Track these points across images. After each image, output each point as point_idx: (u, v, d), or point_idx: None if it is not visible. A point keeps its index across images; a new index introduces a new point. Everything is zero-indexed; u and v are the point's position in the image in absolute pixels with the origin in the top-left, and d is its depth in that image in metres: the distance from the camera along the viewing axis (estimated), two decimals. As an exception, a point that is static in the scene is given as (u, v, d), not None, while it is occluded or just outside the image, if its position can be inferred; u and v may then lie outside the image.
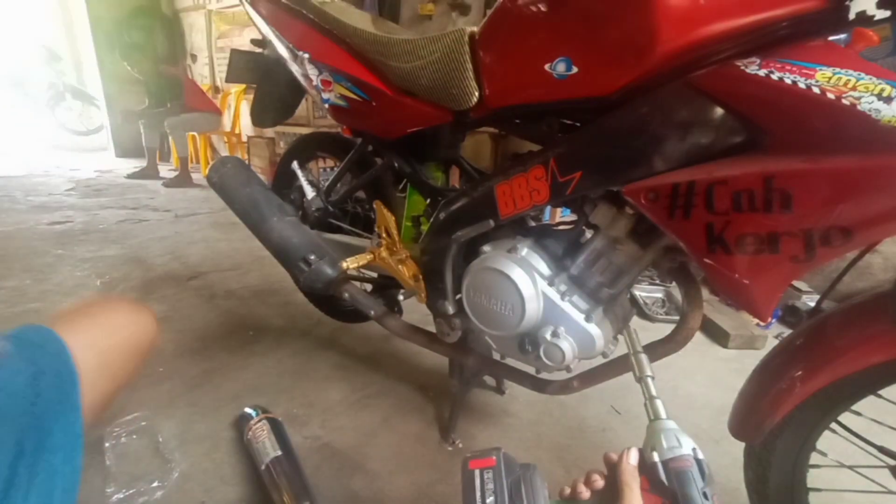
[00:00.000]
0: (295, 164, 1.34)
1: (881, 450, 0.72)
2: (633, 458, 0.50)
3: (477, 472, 0.51)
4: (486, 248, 0.86)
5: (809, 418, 0.71)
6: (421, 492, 1.02)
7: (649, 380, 0.61)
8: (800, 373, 0.69)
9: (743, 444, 0.81)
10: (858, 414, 0.71)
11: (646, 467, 0.51)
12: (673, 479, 0.48)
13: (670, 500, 0.47)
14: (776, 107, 0.53)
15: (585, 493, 0.51)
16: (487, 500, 0.49)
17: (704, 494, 0.47)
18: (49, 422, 0.46)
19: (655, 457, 0.50)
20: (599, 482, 0.51)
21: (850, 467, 0.74)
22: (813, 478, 0.76)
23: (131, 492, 0.94)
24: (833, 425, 0.73)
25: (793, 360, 0.72)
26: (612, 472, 0.51)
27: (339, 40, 0.97)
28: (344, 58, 0.96)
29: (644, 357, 0.63)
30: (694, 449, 0.51)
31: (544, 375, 0.93)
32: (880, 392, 0.67)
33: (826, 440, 0.74)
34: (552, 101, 0.72)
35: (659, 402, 0.58)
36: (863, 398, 0.68)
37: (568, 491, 0.52)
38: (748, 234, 0.57)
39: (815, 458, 0.74)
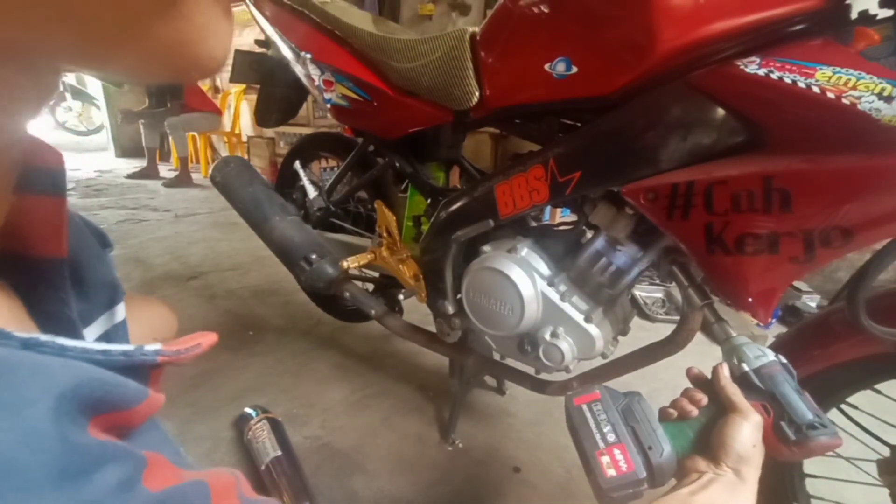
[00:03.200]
0: (297, 164, 1.34)
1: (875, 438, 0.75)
2: (727, 372, 0.55)
3: (585, 407, 0.53)
4: (486, 248, 0.86)
5: None
6: (421, 492, 1.02)
7: (715, 306, 0.67)
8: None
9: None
10: (855, 407, 0.73)
11: (737, 378, 0.54)
12: (767, 383, 0.52)
13: (768, 402, 0.51)
14: (776, 106, 0.53)
15: (694, 411, 0.54)
16: (605, 430, 0.51)
17: (797, 391, 0.51)
18: None
19: (745, 367, 0.54)
20: (703, 399, 0.54)
21: (847, 459, 0.75)
22: (809, 465, 0.78)
23: (131, 491, 0.94)
24: (831, 416, 0.75)
25: (783, 353, 0.76)
26: (709, 388, 0.55)
27: (340, 41, 0.97)
28: (346, 58, 0.96)
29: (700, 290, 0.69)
30: (777, 355, 0.55)
31: (544, 376, 0.93)
32: (853, 395, 0.73)
33: None
34: (552, 101, 0.72)
35: (725, 324, 0.64)
36: (847, 393, 0.73)
37: (674, 413, 0.55)
38: (748, 235, 0.57)
39: None
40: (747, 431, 0.48)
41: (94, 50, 0.16)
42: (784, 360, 0.55)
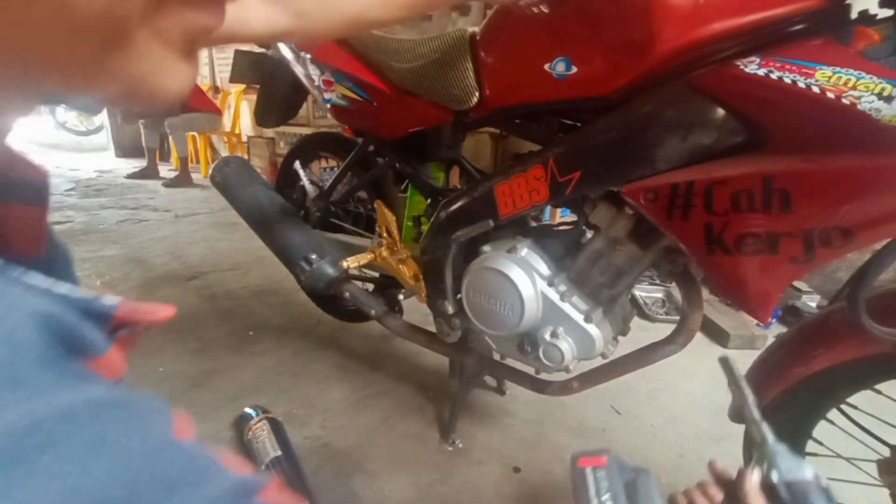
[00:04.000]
0: (297, 164, 1.34)
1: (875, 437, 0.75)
2: (756, 478, 0.49)
3: (588, 471, 0.51)
4: (486, 248, 0.86)
5: (799, 406, 0.75)
6: (421, 492, 1.02)
7: (752, 403, 0.56)
8: (787, 365, 0.74)
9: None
10: (855, 407, 0.73)
11: (765, 487, 0.49)
12: (798, 500, 0.47)
13: None
14: (776, 106, 0.53)
15: None
16: (603, 498, 0.48)
17: None
18: None
19: (774, 477, 0.49)
20: (718, 496, 0.50)
21: (847, 459, 0.75)
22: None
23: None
24: (831, 416, 0.76)
25: (783, 353, 0.76)
26: (730, 489, 0.50)
27: (340, 41, 0.97)
28: (345, 58, 0.96)
29: (743, 382, 0.58)
30: (816, 475, 0.49)
31: (544, 376, 0.93)
32: (853, 395, 0.73)
33: (827, 434, 0.76)
34: (552, 100, 0.72)
35: (765, 426, 0.54)
36: (847, 394, 0.73)
37: (683, 500, 0.52)
38: (747, 235, 0.57)
39: (812, 447, 0.77)
40: None
41: (56, 83, 0.19)
42: (825, 484, 0.49)
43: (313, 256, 1.06)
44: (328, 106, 1.05)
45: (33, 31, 0.17)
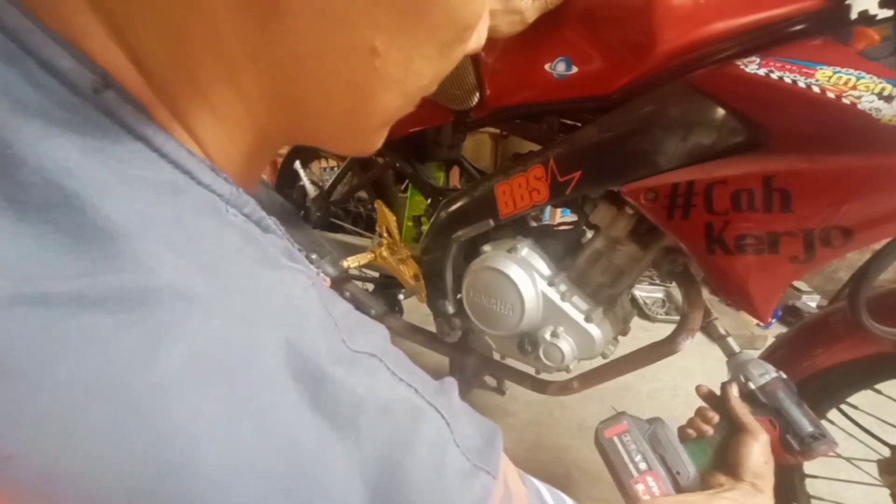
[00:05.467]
0: (297, 164, 1.34)
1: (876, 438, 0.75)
2: (735, 391, 0.60)
3: (616, 439, 0.58)
4: (487, 247, 0.86)
5: None
6: (421, 491, 1.02)
7: (716, 322, 0.72)
8: (787, 364, 0.73)
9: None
10: (855, 407, 0.73)
11: (745, 395, 0.60)
12: (772, 399, 0.58)
13: (773, 417, 0.57)
14: (776, 106, 0.53)
15: (709, 430, 0.59)
16: (636, 459, 0.56)
17: (798, 404, 0.57)
18: None
19: (751, 385, 0.60)
20: (715, 417, 0.59)
21: (847, 459, 0.75)
22: (809, 465, 0.78)
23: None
24: (831, 416, 0.75)
25: (783, 353, 0.77)
26: (720, 405, 0.60)
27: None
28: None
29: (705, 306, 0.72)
30: (779, 371, 0.61)
31: (544, 376, 0.93)
32: (853, 395, 0.74)
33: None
34: (552, 101, 0.72)
35: (730, 339, 0.69)
36: (847, 394, 0.74)
37: (692, 433, 0.60)
38: (748, 234, 0.57)
39: None
40: (758, 451, 0.54)
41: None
42: (784, 376, 0.60)
43: (313, 256, 1.06)
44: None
45: (333, 125, 0.26)
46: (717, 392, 0.63)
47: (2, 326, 0.15)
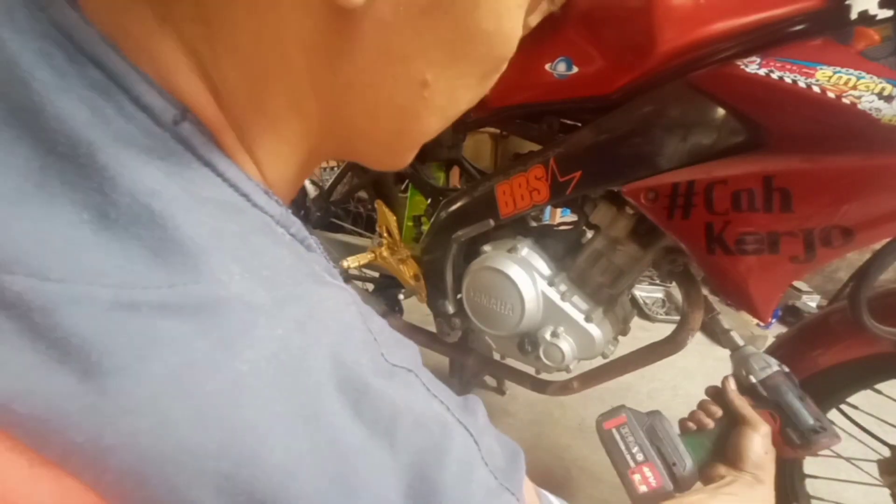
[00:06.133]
0: (296, 164, 1.34)
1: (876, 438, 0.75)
2: (734, 385, 0.61)
3: (615, 431, 0.59)
4: (487, 247, 0.86)
5: None
6: (421, 491, 1.02)
7: (719, 317, 0.72)
8: (787, 364, 0.74)
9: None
10: (855, 407, 0.73)
11: (746, 389, 0.60)
12: (773, 393, 0.58)
13: (774, 410, 0.58)
14: (776, 106, 0.53)
15: (710, 424, 0.60)
16: (633, 450, 0.57)
17: (799, 398, 0.57)
18: None
19: (752, 379, 0.60)
20: (718, 412, 0.60)
21: (847, 459, 0.75)
22: (809, 465, 0.78)
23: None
24: (831, 416, 0.74)
25: (783, 353, 0.77)
26: (720, 400, 0.61)
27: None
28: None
29: (708, 298, 0.73)
30: (780, 365, 0.61)
31: (544, 376, 0.93)
32: (853, 395, 0.74)
33: None
34: (553, 101, 0.72)
35: (734, 333, 0.68)
36: (847, 394, 0.74)
37: (693, 426, 0.61)
38: (748, 234, 0.57)
39: None
40: (759, 442, 0.54)
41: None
42: (787, 370, 0.60)
43: (313, 256, 1.06)
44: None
45: (380, 146, 0.30)
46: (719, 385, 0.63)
47: (104, 329, 0.16)
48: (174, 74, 0.21)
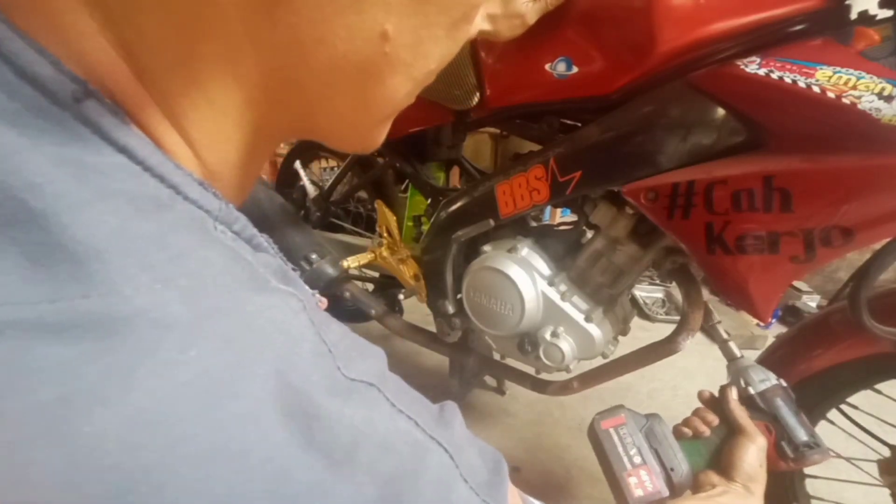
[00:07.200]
0: (298, 164, 1.34)
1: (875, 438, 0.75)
2: (735, 394, 0.60)
3: (612, 431, 0.58)
4: (487, 247, 0.86)
5: (799, 406, 0.75)
6: (421, 491, 1.02)
7: (718, 326, 0.72)
8: (787, 364, 0.74)
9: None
10: (855, 407, 0.73)
11: (743, 400, 0.61)
12: (770, 406, 0.59)
13: (770, 422, 0.58)
14: (776, 106, 0.53)
15: (707, 431, 0.59)
16: (631, 452, 0.56)
17: (795, 413, 0.58)
18: None
19: (751, 390, 0.61)
20: (715, 420, 0.60)
21: (847, 459, 0.75)
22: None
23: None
24: (831, 416, 0.76)
25: (783, 353, 0.77)
26: (719, 407, 0.61)
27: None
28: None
29: (706, 306, 0.72)
30: (778, 379, 0.62)
31: (544, 376, 0.93)
32: (853, 395, 0.74)
33: (827, 434, 0.75)
34: (552, 101, 0.72)
35: (732, 344, 0.69)
36: (847, 394, 0.74)
37: (689, 432, 0.61)
38: (748, 234, 0.57)
39: None
40: (754, 453, 0.54)
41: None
42: (784, 384, 0.61)
43: (313, 256, 1.06)
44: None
45: (351, 122, 0.26)
46: (717, 395, 0.63)
47: None
48: (77, 37, 0.18)
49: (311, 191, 1.32)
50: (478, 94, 0.80)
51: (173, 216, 0.18)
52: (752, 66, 0.53)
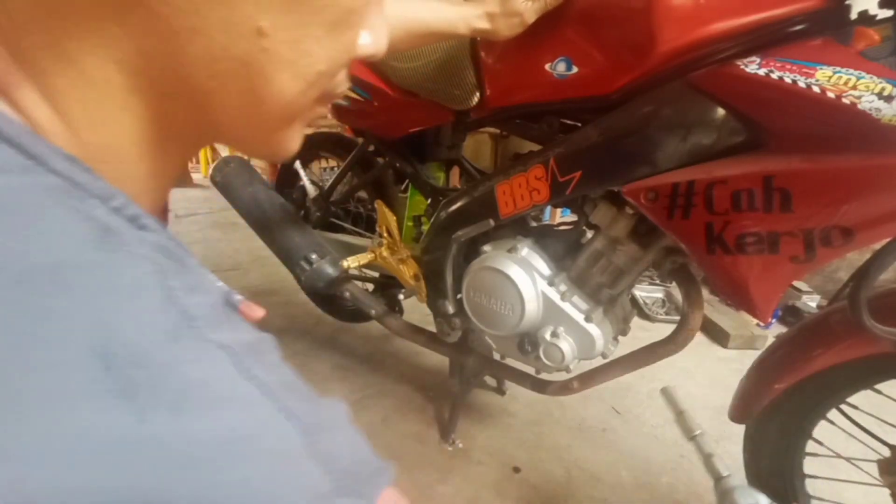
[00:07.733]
0: (297, 164, 1.34)
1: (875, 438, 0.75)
2: None
3: None
4: (487, 247, 0.86)
5: (799, 406, 0.75)
6: (421, 492, 1.02)
7: (701, 438, 0.63)
8: (787, 364, 0.74)
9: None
10: (855, 407, 0.73)
11: None
12: None
13: None
14: (776, 106, 0.53)
15: None
16: None
17: None
18: None
19: None
20: None
21: (847, 459, 0.75)
22: (809, 465, 0.78)
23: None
24: (831, 416, 0.76)
25: (783, 353, 0.77)
26: None
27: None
28: (345, 58, 0.96)
29: (689, 416, 0.65)
30: (769, 499, 0.56)
31: (544, 376, 0.93)
32: (853, 395, 0.73)
33: (827, 434, 0.76)
34: (552, 101, 0.72)
35: (717, 459, 0.61)
36: (847, 394, 0.73)
37: None
38: (748, 234, 0.57)
39: (812, 447, 0.77)
40: None
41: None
42: None
43: (313, 256, 1.06)
44: (329, 105, 1.05)
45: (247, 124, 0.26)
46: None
47: None
48: None
49: (311, 191, 1.32)
50: (478, 94, 0.80)
51: (29, 180, 0.18)
52: (752, 66, 0.53)
